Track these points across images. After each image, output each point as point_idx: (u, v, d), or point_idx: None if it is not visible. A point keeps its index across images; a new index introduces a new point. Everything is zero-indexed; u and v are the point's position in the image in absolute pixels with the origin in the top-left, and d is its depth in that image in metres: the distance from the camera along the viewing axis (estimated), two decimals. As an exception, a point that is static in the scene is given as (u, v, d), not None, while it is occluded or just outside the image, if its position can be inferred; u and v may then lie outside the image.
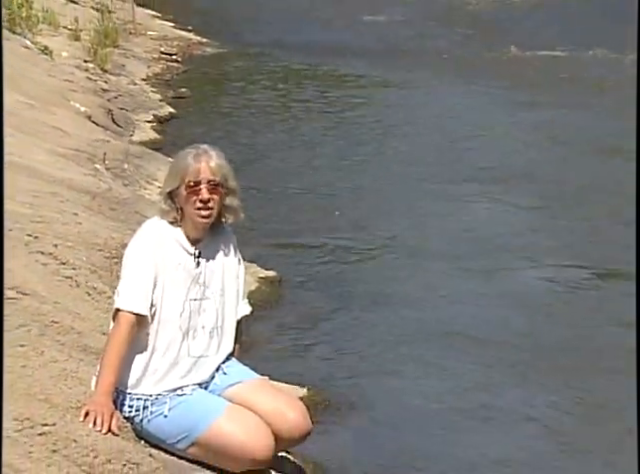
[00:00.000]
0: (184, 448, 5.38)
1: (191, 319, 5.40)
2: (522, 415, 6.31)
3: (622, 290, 7.68)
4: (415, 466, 5.78)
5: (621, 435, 5.87)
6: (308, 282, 8.00)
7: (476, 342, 7.08)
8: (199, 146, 5.52)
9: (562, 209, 9.36)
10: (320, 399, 6.21)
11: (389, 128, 12.21)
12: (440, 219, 9.30)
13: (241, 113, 12.53)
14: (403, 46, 15.48)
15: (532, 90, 13.37)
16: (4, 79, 2.76)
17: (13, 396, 5.06)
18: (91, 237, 7.31)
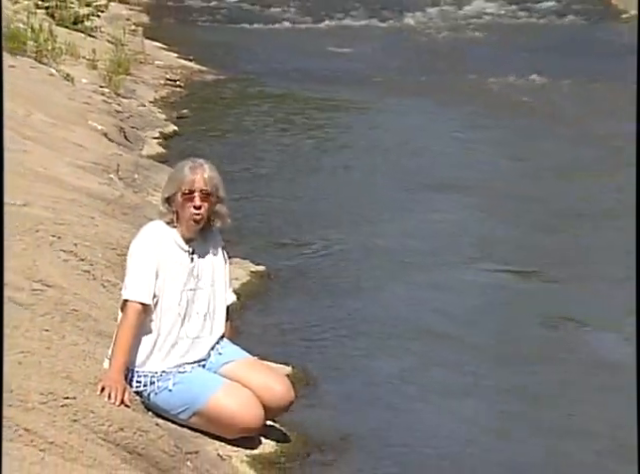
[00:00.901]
0: (186, 418, 5.42)
1: (187, 306, 5.45)
2: (471, 391, 6.32)
3: (544, 289, 7.71)
4: (381, 434, 5.78)
5: (557, 418, 5.89)
6: (293, 276, 8.01)
7: (433, 330, 7.09)
8: (195, 159, 5.59)
9: (501, 216, 9.38)
10: (303, 376, 6.22)
11: (359, 143, 12.24)
12: (398, 221, 9.33)
13: (235, 130, 12.55)
14: (371, 74, 15.50)
15: (486, 111, 13.39)
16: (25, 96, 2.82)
17: (39, 373, 5.07)
18: (106, 237, 7.31)
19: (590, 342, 6.76)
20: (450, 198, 9.91)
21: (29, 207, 7.32)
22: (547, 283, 7.90)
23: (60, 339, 5.50)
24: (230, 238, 5.84)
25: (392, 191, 10.18)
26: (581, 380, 6.25)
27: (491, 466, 5.48)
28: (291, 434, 5.62)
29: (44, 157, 8.94)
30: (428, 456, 5.57)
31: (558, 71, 15.17)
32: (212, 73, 15.23)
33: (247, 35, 18.38)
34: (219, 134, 12.26)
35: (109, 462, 4.62)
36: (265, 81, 14.95)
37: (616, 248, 8.27)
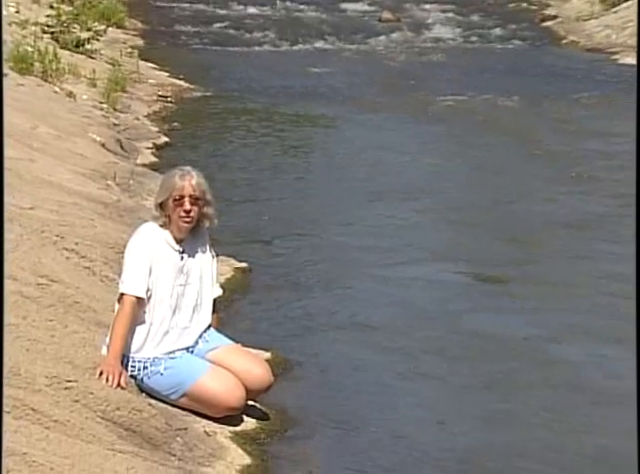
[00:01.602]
0: (176, 399, 5.40)
1: (178, 299, 5.44)
2: (431, 377, 6.33)
3: (492, 289, 7.70)
4: (351, 413, 5.78)
5: (501, 406, 5.89)
6: (273, 271, 8.01)
7: (397, 321, 7.10)
8: (184, 168, 5.59)
9: (458, 221, 9.38)
10: (281, 360, 6.22)
11: (331, 153, 12.25)
12: (366, 223, 9.36)
13: (220, 142, 12.53)
14: (341, 91, 15.50)
15: (442, 126, 13.40)
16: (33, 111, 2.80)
17: (44, 359, 5.06)
18: (104, 237, 7.30)
19: (535, 338, 6.74)
20: (410, 203, 9.93)
21: (35, 210, 7.30)
22: (495, 281, 7.88)
23: (63, 328, 5.49)
24: (216, 237, 5.82)
25: (360, 196, 10.19)
26: (526, 374, 6.23)
27: (447, 448, 5.48)
28: (270, 413, 5.62)
29: (49, 165, 8.93)
30: (392, 433, 5.58)
31: (506, 90, 15.20)
32: (200, 90, 15.20)
33: (231, 57, 18.36)
34: (206, 145, 12.24)
35: (107, 438, 4.61)
36: (247, 97, 14.94)
37: (566, 253, 8.29)
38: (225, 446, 5.22)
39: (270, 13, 22.18)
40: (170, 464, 4.66)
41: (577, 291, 7.51)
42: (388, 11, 22.37)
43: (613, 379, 6.06)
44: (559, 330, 6.82)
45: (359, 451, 5.36)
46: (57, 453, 4.17)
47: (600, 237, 8.68)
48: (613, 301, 7.20)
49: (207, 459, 5.03)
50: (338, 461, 5.24)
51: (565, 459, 5.31)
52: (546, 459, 5.31)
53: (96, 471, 4.18)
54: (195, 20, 21.33)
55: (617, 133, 12.79)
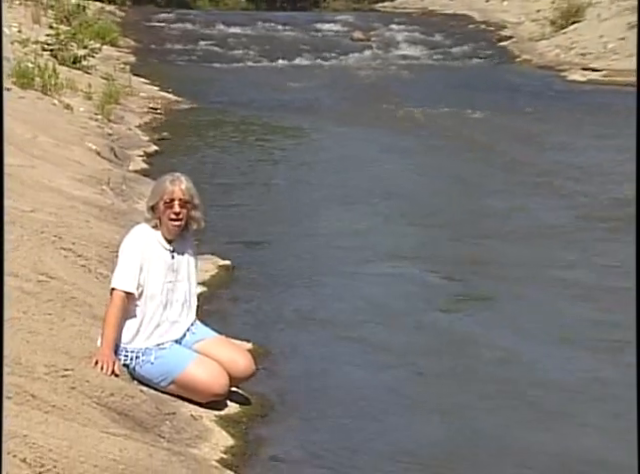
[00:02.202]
0: (165, 386, 5.39)
1: (168, 295, 5.43)
2: (399, 366, 6.31)
3: (453, 287, 7.69)
4: (327, 398, 5.78)
5: (469, 395, 5.89)
6: (253, 268, 8.01)
7: (370, 316, 7.09)
8: (174, 174, 5.58)
9: (422, 224, 9.40)
10: (262, 351, 6.20)
11: (308, 160, 12.27)
12: (341, 225, 9.35)
13: (206, 150, 12.52)
14: (316, 104, 15.52)
15: (408, 135, 13.44)
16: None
17: (44, 349, 5.04)
18: (99, 238, 7.27)
19: (490, 335, 6.71)
20: (379, 207, 9.97)
21: (36, 213, 7.27)
22: (455, 280, 7.86)
23: (61, 321, 5.47)
24: (201, 238, 5.81)
25: (333, 200, 10.20)
26: (482, 367, 6.21)
27: (411, 432, 5.48)
28: (251, 398, 5.60)
29: (48, 172, 8.90)
30: (360, 417, 5.58)
31: (466, 103, 15.26)
32: (187, 103, 15.20)
33: (216, 72, 18.35)
34: (193, 152, 12.23)
35: (101, 422, 4.60)
36: (230, 109, 14.94)
37: (523, 256, 8.28)
38: (210, 429, 5.21)
39: (251, 32, 22.19)
40: (159, 446, 4.65)
41: (532, 292, 7.47)
42: (359, 31, 22.44)
43: (562, 375, 6.05)
44: (513, 327, 6.81)
45: (330, 433, 5.36)
46: (55, 435, 4.16)
47: (556, 244, 8.61)
48: (564, 304, 7.18)
49: (194, 441, 5.02)
50: (312, 442, 5.24)
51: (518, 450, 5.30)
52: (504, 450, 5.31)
53: (91, 452, 4.16)
54: (183, 39, 21.32)
55: (568, 144, 12.85)
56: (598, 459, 5.07)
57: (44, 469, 3.90)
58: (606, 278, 7.62)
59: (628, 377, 5.76)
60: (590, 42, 19.60)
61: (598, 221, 9.24)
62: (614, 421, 5.41)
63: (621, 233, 8.69)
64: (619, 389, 5.73)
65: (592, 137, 13.21)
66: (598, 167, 11.48)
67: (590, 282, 7.56)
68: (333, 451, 5.14)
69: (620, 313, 6.79)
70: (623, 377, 5.81)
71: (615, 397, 5.70)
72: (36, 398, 4.47)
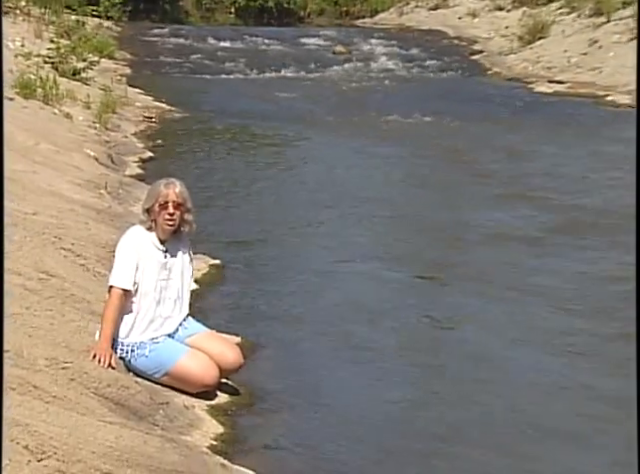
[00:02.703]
0: (159, 377, 5.37)
1: (161, 292, 5.41)
2: (381, 360, 6.32)
3: (427, 286, 7.69)
4: (311, 390, 5.77)
5: (442, 387, 5.89)
6: (242, 267, 8.00)
7: (352, 313, 7.09)
8: (168, 178, 5.56)
9: (401, 227, 9.40)
10: (250, 344, 6.19)
11: (292, 165, 12.28)
12: (319, 226, 9.35)
13: (197, 156, 12.50)
14: (301, 113, 15.51)
15: (387, 142, 13.44)
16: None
17: (45, 343, 5.02)
18: (97, 238, 7.25)
19: (463, 335, 6.71)
20: (360, 210, 9.94)
21: (37, 215, 7.25)
22: (429, 280, 7.83)
23: (61, 317, 5.45)
24: (192, 238, 5.77)
25: (317, 203, 10.20)
26: (454, 363, 6.19)
27: (391, 420, 5.48)
28: (240, 389, 5.60)
29: (49, 177, 8.87)
30: (343, 407, 5.57)
31: (441, 112, 15.28)
32: (180, 112, 15.16)
33: (207, 83, 18.32)
34: (185, 158, 12.21)
35: (99, 411, 4.58)
36: (220, 118, 14.92)
37: (494, 259, 8.25)
38: (201, 418, 5.20)
39: (240, 46, 22.17)
40: (154, 433, 4.63)
41: (502, 294, 7.41)
42: (341, 45, 22.43)
43: (530, 373, 6.05)
44: (485, 326, 6.80)
45: (314, 421, 5.36)
46: (56, 424, 4.15)
47: (526, 249, 8.53)
48: (534, 307, 7.10)
49: (186, 429, 5.01)
50: (297, 430, 5.24)
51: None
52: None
53: (89, 439, 4.15)
54: (176, 52, 21.28)
55: (537, 151, 12.88)
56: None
57: (45, 455, 3.89)
58: (575, 283, 7.57)
59: (591, 377, 5.82)
60: (555, 56, 19.65)
61: (568, 227, 9.18)
62: (580, 415, 5.41)
63: (590, 240, 8.67)
64: (583, 388, 5.75)
65: (560, 145, 13.24)
66: (567, 174, 11.50)
67: (560, 287, 7.50)
68: (317, 439, 5.14)
69: (589, 317, 6.80)
70: (589, 377, 5.84)
71: (580, 395, 5.70)
72: (38, 389, 4.46)
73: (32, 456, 3.84)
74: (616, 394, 5.50)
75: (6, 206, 2.42)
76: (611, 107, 15.99)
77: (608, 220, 9.22)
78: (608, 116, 15.29)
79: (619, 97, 16.39)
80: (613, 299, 7.06)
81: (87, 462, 3.99)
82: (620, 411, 5.18)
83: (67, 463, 3.92)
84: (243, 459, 4.79)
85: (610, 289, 7.32)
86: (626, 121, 14.78)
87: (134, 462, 4.16)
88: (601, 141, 13.31)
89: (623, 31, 19.36)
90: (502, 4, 25.50)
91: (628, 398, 5.27)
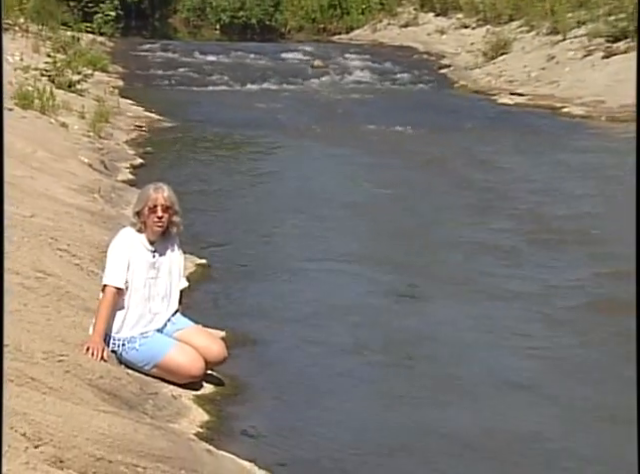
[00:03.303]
0: (148, 369, 5.35)
1: (150, 290, 5.39)
2: (356, 355, 6.31)
3: (400, 287, 7.63)
4: (291, 381, 5.78)
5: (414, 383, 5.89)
6: (227, 266, 8.00)
7: (335, 310, 7.07)
8: (157, 183, 5.54)
9: (375, 230, 9.35)
10: (234, 338, 6.18)
11: (274, 171, 12.26)
12: (299, 229, 9.30)
13: (185, 162, 12.47)
14: (282, 122, 15.50)
15: (362, 151, 13.44)
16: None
17: (42, 338, 5.00)
18: (91, 240, 7.22)
19: (435, 331, 6.69)
20: (337, 213, 9.96)
21: (35, 218, 7.21)
22: (403, 282, 7.78)
23: (57, 313, 5.43)
24: (180, 239, 5.76)
25: (297, 207, 10.19)
26: (425, 359, 6.18)
27: (364, 409, 5.49)
28: (225, 380, 5.59)
29: (46, 182, 8.83)
30: (320, 396, 5.58)
31: (412, 122, 15.28)
32: (168, 121, 15.11)
33: (194, 95, 18.27)
34: (174, 164, 12.17)
35: (92, 401, 4.57)
36: (206, 127, 14.89)
37: (465, 264, 8.21)
38: (188, 407, 5.19)
39: (225, 60, 22.12)
40: (143, 421, 4.62)
41: (474, 296, 7.34)
42: (319, 59, 22.43)
43: (496, 369, 6.04)
44: (457, 327, 6.77)
45: (294, 410, 5.36)
46: (52, 413, 4.13)
47: (490, 254, 8.43)
48: (502, 309, 7.03)
49: (174, 417, 5.00)
50: (277, 418, 5.24)
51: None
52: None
53: (83, 427, 4.13)
54: (165, 66, 21.21)
55: (501, 159, 12.92)
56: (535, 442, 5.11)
57: (42, 442, 3.87)
58: (541, 290, 7.45)
59: (560, 374, 5.82)
60: (516, 71, 19.71)
61: (532, 234, 9.03)
62: (549, 410, 5.41)
63: (551, 248, 8.55)
64: (551, 384, 5.75)
65: (522, 154, 13.29)
66: (530, 181, 11.51)
67: (525, 290, 7.38)
68: (297, 426, 5.14)
69: (551, 323, 6.78)
70: (558, 374, 5.85)
71: (547, 390, 5.70)
72: (35, 380, 4.44)
73: (30, 443, 3.83)
74: (573, 395, 5.54)
75: (6, 209, 2.41)
76: (567, 118, 16.07)
77: (571, 229, 9.15)
78: (565, 126, 15.37)
79: (574, 109, 16.47)
80: (576, 307, 6.96)
81: (81, 448, 3.98)
82: (579, 413, 5.22)
83: (62, 449, 3.91)
84: (227, 445, 4.79)
85: (575, 297, 7.23)
86: (581, 132, 14.89)
87: (125, 448, 4.15)
88: (560, 150, 13.37)
89: (578, 48, 19.46)
90: (467, 22, 25.58)
91: (584, 398, 5.35)
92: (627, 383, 5.26)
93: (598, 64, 18.15)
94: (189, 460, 4.36)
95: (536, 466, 4.83)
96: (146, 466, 4.12)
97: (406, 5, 29.09)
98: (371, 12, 29.66)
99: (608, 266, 7.82)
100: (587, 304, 7.04)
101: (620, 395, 4.92)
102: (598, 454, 4.87)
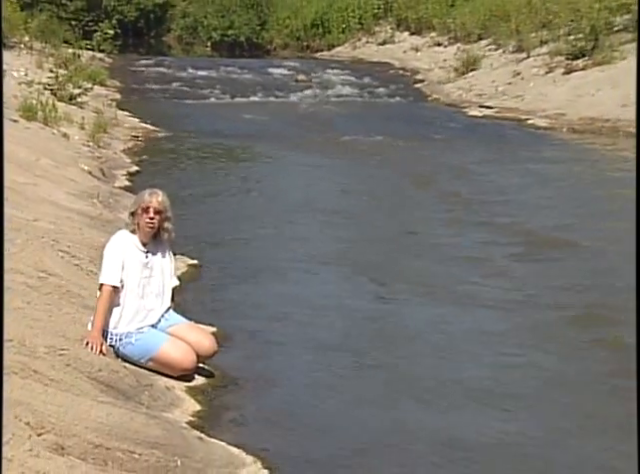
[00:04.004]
0: (144, 363, 5.34)
1: (144, 288, 5.36)
2: (335, 349, 6.30)
3: (377, 288, 7.61)
4: (278, 374, 5.76)
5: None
6: (217, 267, 7.98)
7: (319, 309, 7.05)
8: (153, 188, 5.53)
9: (355, 235, 9.36)
10: (223, 333, 6.16)
11: (262, 177, 12.26)
12: (284, 232, 9.28)
13: (178, 169, 12.46)
14: (268, 132, 15.50)
15: (343, 158, 13.46)
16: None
17: (44, 333, 4.98)
18: (90, 242, 7.19)
19: (410, 326, 6.67)
20: (319, 217, 9.93)
21: (38, 221, 7.18)
22: (380, 283, 7.72)
23: (58, 310, 5.40)
24: (173, 241, 5.73)
25: (282, 211, 10.17)
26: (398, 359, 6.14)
27: (344, 403, 5.48)
28: (215, 372, 5.57)
29: (48, 188, 8.79)
30: (303, 387, 5.57)
31: (389, 132, 15.33)
32: (163, 132, 15.08)
33: (186, 107, 18.24)
34: (167, 172, 12.14)
35: (91, 392, 4.55)
36: (198, 137, 14.87)
37: (436, 265, 8.10)
38: (181, 397, 5.17)
39: (215, 75, 22.07)
40: (139, 411, 4.60)
41: (443, 296, 7.23)
42: (302, 74, 22.43)
43: (473, 367, 5.98)
44: (427, 323, 6.75)
45: (280, 400, 5.35)
46: (53, 403, 4.11)
47: (464, 259, 8.27)
48: (474, 313, 6.89)
49: (168, 407, 4.98)
50: (264, 407, 5.22)
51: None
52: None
53: (83, 416, 4.12)
54: (159, 80, 21.16)
55: (471, 166, 12.96)
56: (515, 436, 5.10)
57: (44, 430, 3.86)
58: (507, 293, 7.31)
59: (530, 375, 5.78)
60: (485, 85, 19.79)
61: (504, 240, 8.87)
62: (520, 415, 5.36)
63: (519, 254, 8.40)
64: (520, 382, 5.71)
65: (488, 160, 13.35)
66: (497, 187, 11.54)
67: (493, 295, 7.27)
68: (283, 415, 5.13)
69: (525, 320, 6.71)
70: (528, 374, 5.82)
71: (518, 396, 5.65)
72: (38, 373, 4.42)
73: (33, 431, 3.81)
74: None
75: (11, 213, 2.40)
76: (532, 129, 16.15)
77: (538, 234, 9.10)
78: (529, 137, 15.44)
79: (538, 121, 16.57)
80: (549, 314, 6.76)
81: (81, 436, 3.96)
82: (551, 418, 5.21)
83: (63, 437, 3.90)
84: (217, 432, 4.78)
85: (546, 304, 7.00)
86: (544, 142, 14.96)
87: (122, 436, 4.14)
88: (525, 159, 13.42)
89: (541, 65, 19.57)
90: (440, 41, 25.69)
91: (555, 403, 5.27)
92: (598, 391, 5.26)
93: (559, 80, 18.25)
94: (182, 447, 4.35)
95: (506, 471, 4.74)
96: (141, 452, 4.11)
97: (383, 25, 29.20)
98: (351, 31, 29.73)
99: (578, 273, 7.71)
100: (557, 310, 6.85)
101: (595, 403, 4.86)
102: (568, 460, 4.73)
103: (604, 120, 15.68)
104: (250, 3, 32.18)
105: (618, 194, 10.02)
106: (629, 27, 18.71)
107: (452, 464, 4.67)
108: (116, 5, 32.34)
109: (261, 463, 4.47)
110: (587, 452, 4.75)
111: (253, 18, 31.90)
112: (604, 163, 12.97)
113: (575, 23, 19.64)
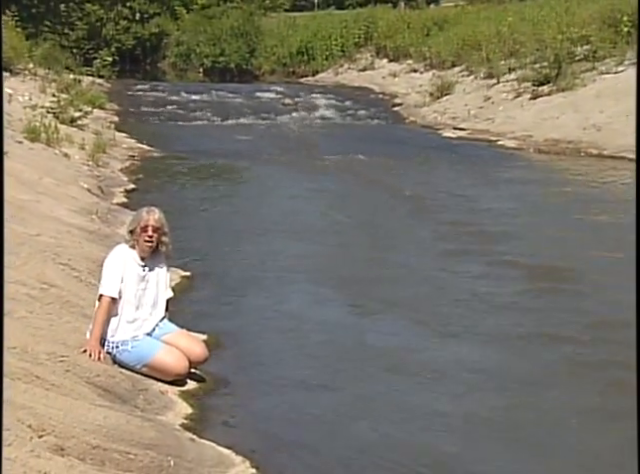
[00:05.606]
0: (139, 368, 5.31)
1: (140, 299, 5.35)
2: (320, 347, 6.29)
3: (358, 303, 7.55)
4: (267, 377, 5.74)
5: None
6: (208, 278, 7.95)
7: (307, 318, 7.03)
8: (149, 207, 5.53)
9: (337, 251, 9.28)
10: (214, 341, 6.14)
11: (250, 193, 12.23)
12: (270, 247, 9.20)
13: (173, 187, 12.44)
14: (256, 152, 15.52)
15: (326, 177, 13.47)
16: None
17: (45, 341, 4.95)
18: (89, 255, 7.17)
19: (390, 340, 6.59)
20: (303, 234, 9.89)
21: (40, 236, 7.15)
22: (362, 298, 7.65)
23: (59, 319, 5.38)
24: (170, 254, 5.71)
25: (268, 228, 10.16)
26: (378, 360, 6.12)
27: (330, 399, 5.47)
28: (206, 377, 5.56)
29: (50, 205, 8.76)
30: (292, 391, 5.55)
31: (369, 152, 15.36)
32: (158, 152, 15.08)
33: (180, 129, 18.25)
34: (163, 189, 12.13)
35: (89, 396, 4.53)
36: (191, 156, 14.86)
37: (418, 281, 8.06)
38: (174, 401, 5.15)
39: (207, 99, 22.10)
40: (135, 414, 4.58)
41: (422, 309, 7.10)
42: (288, 98, 22.49)
43: (450, 364, 6.02)
44: (412, 337, 6.69)
45: (269, 404, 5.33)
46: (54, 407, 4.09)
47: (444, 276, 8.13)
48: (446, 320, 6.85)
49: (162, 410, 4.96)
50: (254, 410, 5.21)
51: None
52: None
53: (82, 419, 4.09)
54: (155, 103, 21.16)
55: (447, 183, 13.00)
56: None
57: (45, 432, 3.83)
58: (475, 308, 7.14)
59: (499, 366, 5.79)
60: (458, 109, 19.89)
61: (476, 254, 8.76)
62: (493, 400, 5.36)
63: (493, 263, 8.35)
64: (492, 374, 5.73)
65: (461, 178, 13.40)
66: (474, 202, 11.57)
67: (470, 299, 7.26)
68: (270, 417, 5.12)
69: (497, 319, 6.73)
70: (501, 365, 5.84)
71: (490, 381, 5.67)
72: (39, 378, 4.39)
73: (34, 433, 3.79)
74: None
75: (15, 229, 2.39)
76: (502, 149, 16.23)
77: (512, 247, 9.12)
78: (499, 156, 15.51)
79: (507, 142, 16.68)
80: (526, 327, 6.57)
81: (80, 438, 3.94)
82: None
83: (63, 439, 3.88)
84: (208, 434, 4.76)
85: (520, 315, 6.86)
86: (513, 161, 15.02)
87: (119, 437, 4.12)
88: (495, 177, 13.49)
89: (509, 90, 19.72)
90: (417, 67, 25.84)
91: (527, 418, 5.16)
92: (600, 430, 4.93)
93: (526, 104, 18.38)
94: (175, 447, 4.34)
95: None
96: (137, 453, 4.09)
97: (364, 52, 29.38)
98: (334, 58, 29.88)
99: (548, 286, 7.62)
100: (532, 321, 6.69)
101: (601, 443, 4.68)
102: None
103: (567, 141, 15.79)
104: (240, 32, 32.32)
105: (588, 213, 10.17)
106: (589, 57, 18.95)
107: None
108: (115, 34, 32.39)
109: (249, 463, 4.45)
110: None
111: (242, 46, 32.03)
112: (569, 183, 13.04)
113: (540, 52, 19.84)
